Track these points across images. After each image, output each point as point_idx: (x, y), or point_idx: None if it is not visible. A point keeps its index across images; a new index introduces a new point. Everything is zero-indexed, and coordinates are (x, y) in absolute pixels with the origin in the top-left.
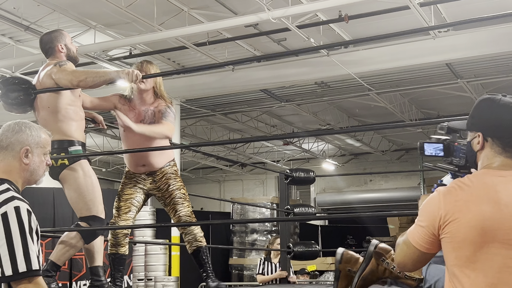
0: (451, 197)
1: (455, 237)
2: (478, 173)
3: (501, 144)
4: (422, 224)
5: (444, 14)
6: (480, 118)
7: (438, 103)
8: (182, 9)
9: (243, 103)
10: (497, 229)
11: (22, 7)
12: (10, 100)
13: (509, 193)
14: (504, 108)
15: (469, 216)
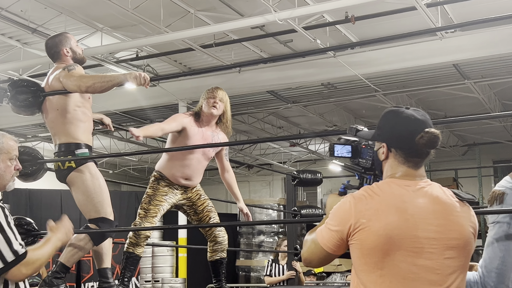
0: (362, 206)
1: (364, 244)
2: (385, 183)
3: (404, 155)
4: (332, 228)
5: (451, 15)
6: (384, 129)
7: (445, 104)
8: (189, 11)
9: (250, 105)
10: (403, 238)
11: (29, 9)
12: (18, 102)
13: (414, 203)
14: (405, 121)
15: (378, 225)
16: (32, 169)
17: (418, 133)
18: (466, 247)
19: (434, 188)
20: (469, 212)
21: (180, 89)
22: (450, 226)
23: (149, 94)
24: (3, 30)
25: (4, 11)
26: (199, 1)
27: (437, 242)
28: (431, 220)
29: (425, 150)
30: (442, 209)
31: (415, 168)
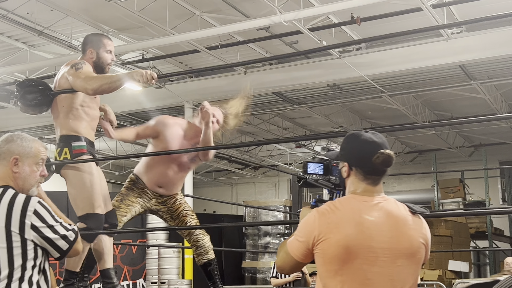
0: (325, 219)
1: (326, 254)
2: (346, 198)
3: (363, 173)
4: (300, 239)
5: (456, 16)
6: (346, 150)
7: (452, 105)
8: (194, 13)
9: (256, 106)
10: (359, 248)
11: (35, 12)
12: (28, 101)
13: (370, 217)
14: (364, 143)
15: (338, 236)
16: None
17: (374, 154)
18: (416, 256)
19: (389, 203)
20: (421, 224)
21: (185, 91)
22: (401, 237)
23: (155, 96)
24: (9, 32)
25: (11, 13)
26: (204, 3)
27: (390, 252)
28: (385, 232)
29: (381, 169)
30: (395, 222)
31: (373, 185)
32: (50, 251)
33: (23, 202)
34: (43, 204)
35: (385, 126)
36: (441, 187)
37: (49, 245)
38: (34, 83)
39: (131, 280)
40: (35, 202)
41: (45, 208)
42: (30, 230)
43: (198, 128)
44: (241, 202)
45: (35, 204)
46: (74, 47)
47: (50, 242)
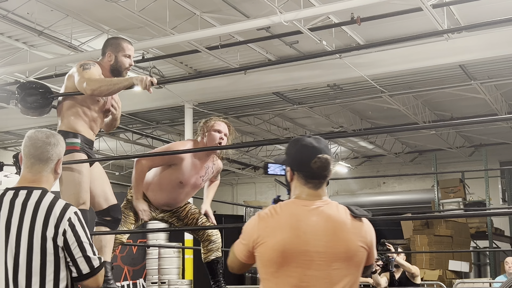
0: (263, 223)
1: (263, 256)
2: (287, 203)
3: (304, 177)
4: (242, 242)
5: (457, 16)
6: (288, 155)
7: (452, 105)
8: (194, 13)
9: (256, 106)
10: (294, 252)
11: (36, 12)
12: (28, 104)
13: (308, 222)
14: (303, 148)
15: (274, 241)
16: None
17: (313, 159)
18: (354, 259)
19: (330, 207)
20: (361, 227)
21: (186, 91)
22: (338, 241)
23: (155, 96)
24: (9, 32)
25: (11, 13)
26: (204, 3)
27: (325, 256)
28: (321, 237)
29: (320, 173)
30: (332, 226)
31: (314, 189)
32: (79, 262)
33: (61, 208)
34: (79, 215)
35: (385, 127)
36: (441, 187)
37: (82, 254)
38: (34, 85)
39: (132, 280)
40: (73, 211)
41: (79, 220)
42: (62, 237)
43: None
44: (241, 202)
45: (71, 213)
46: (74, 47)
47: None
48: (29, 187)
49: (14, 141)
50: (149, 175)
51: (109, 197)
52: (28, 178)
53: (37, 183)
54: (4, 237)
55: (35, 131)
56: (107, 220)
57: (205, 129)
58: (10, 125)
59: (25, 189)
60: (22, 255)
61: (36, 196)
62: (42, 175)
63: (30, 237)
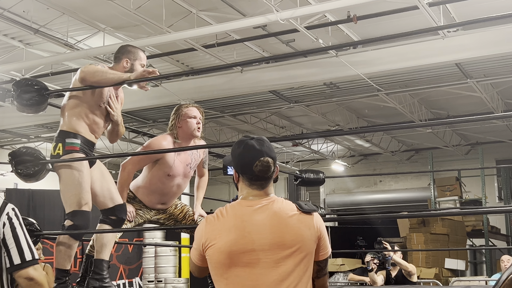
0: (210, 227)
1: (212, 259)
2: (232, 204)
3: (248, 179)
4: (194, 247)
5: (453, 14)
6: (233, 157)
7: (448, 103)
8: (191, 11)
9: (252, 105)
10: (241, 253)
11: (31, 10)
12: (24, 101)
13: (253, 222)
14: (246, 150)
15: (220, 243)
16: (34, 169)
17: (254, 162)
18: (303, 252)
19: (275, 204)
20: (308, 221)
21: (182, 89)
22: (284, 237)
23: (152, 94)
24: (5, 30)
25: (7, 11)
26: (201, 1)
27: (272, 253)
28: (266, 234)
29: (263, 176)
30: (277, 223)
31: (259, 189)
32: (12, 254)
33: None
34: (16, 211)
35: (381, 125)
36: (438, 186)
37: (15, 245)
38: (30, 82)
39: (127, 279)
40: (10, 207)
41: (16, 216)
42: (1, 229)
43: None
44: None
45: (9, 209)
46: (71, 45)
47: (8, 248)
48: None
49: (10, 139)
50: (139, 179)
51: (114, 196)
52: None
53: None
54: None
55: None
56: (112, 219)
57: (179, 118)
58: (6, 124)
59: None
60: None
61: None
62: None
63: None
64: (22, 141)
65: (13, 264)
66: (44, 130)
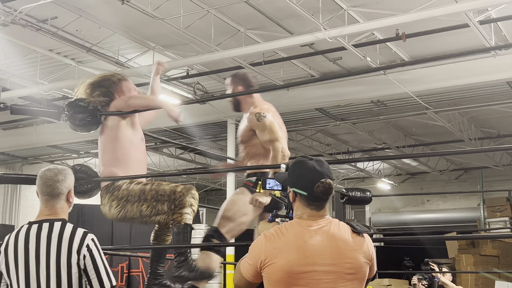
0: (271, 244)
1: (271, 277)
2: (291, 223)
3: (306, 200)
4: (249, 262)
5: (504, 32)
6: (291, 177)
7: (498, 122)
8: (239, 29)
9: (298, 122)
10: (301, 272)
11: (84, 29)
12: (77, 121)
13: (313, 242)
14: (306, 171)
15: (282, 262)
16: (87, 187)
17: (316, 183)
18: (359, 274)
19: (332, 226)
20: (362, 243)
21: (228, 107)
22: (343, 259)
23: (199, 111)
24: (59, 49)
25: (61, 30)
26: (249, 20)
27: (332, 274)
28: (327, 255)
29: (324, 197)
30: (336, 245)
31: (317, 210)
32: (93, 283)
33: (81, 236)
34: (95, 242)
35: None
36: (488, 206)
37: (96, 275)
38: (83, 103)
39: None
40: (90, 238)
41: (96, 246)
42: (83, 261)
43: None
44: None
45: (89, 240)
46: (121, 64)
47: (89, 278)
48: (50, 219)
49: (61, 154)
50: (108, 148)
51: None
52: (46, 212)
53: (55, 215)
54: (35, 267)
55: (45, 170)
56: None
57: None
58: (57, 139)
59: (47, 222)
60: (53, 281)
61: (58, 227)
62: (56, 207)
63: (58, 264)
64: (72, 156)
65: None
66: (94, 146)
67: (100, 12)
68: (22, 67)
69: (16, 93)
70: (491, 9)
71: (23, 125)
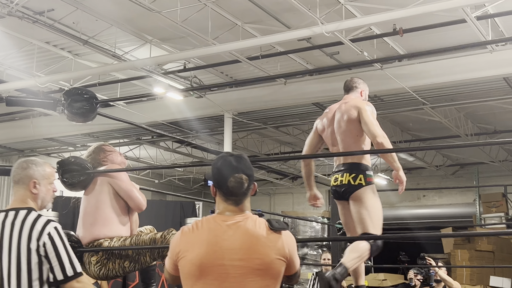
0: (185, 238)
1: (183, 270)
2: (208, 218)
3: (224, 195)
4: (169, 256)
5: (501, 28)
6: (211, 171)
7: (495, 118)
8: (236, 23)
9: (295, 117)
10: (211, 266)
11: (81, 22)
12: (74, 110)
13: (225, 237)
14: (223, 166)
15: (192, 255)
16: (80, 179)
17: (229, 178)
18: (270, 271)
19: (248, 221)
20: (277, 240)
21: (226, 101)
22: (253, 255)
23: (196, 105)
24: (55, 41)
25: (57, 23)
26: (246, 14)
27: (241, 269)
28: (236, 250)
29: (237, 192)
30: (248, 241)
31: (235, 205)
32: (55, 270)
33: (43, 224)
34: (58, 230)
35: (427, 139)
36: (483, 201)
37: (58, 262)
38: (80, 91)
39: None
40: (52, 226)
41: (58, 234)
42: (43, 248)
43: None
44: (279, 212)
45: (51, 228)
46: (118, 57)
47: (59, 261)
48: (16, 208)
49: (57, 147)
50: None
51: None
52: (13, 200)
53: (23, 204)
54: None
55: (21, 160)
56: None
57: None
58: (53, 132)
59: (13, 210)
60: (13, 267)
61: (22, 215)
62: (20, 195)
63: (18, 250)
64: (69, 149)
65: (56, 280)
66: (90, 139)
67: (97, 4)
68: (18, 59)
69: (12, 86)
70: (488, 4)
71: (19, 117)
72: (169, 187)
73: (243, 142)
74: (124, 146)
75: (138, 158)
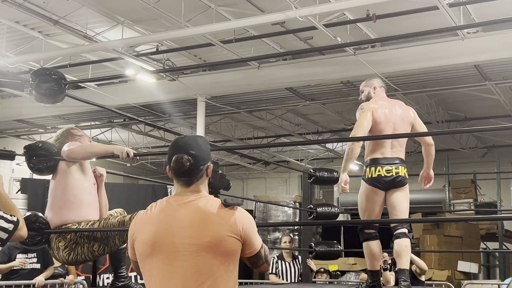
0: (138, 220)
1: (137, 251)
2: (163, 199)
3: (174, 175)
4: (128, 241)
5: (473, 15)
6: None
7: (466, 105)
8: (210, 6)
9: (268, 101)
10: (161, 245)
11: (51, 1)
12: (42, 90)
13: (175, 216)
14: (171, 147)
15: (143, 235)
16: (46, 164)
17: (172, 158)
18: (222, 248)
19: (200, 200)
20: (229, 217)
21: (198, 84)
22: (203, 232)
23: (168, 88)
24: (25, 21)
25: (27, 2)
26: None
27: (191, 246)
28: (186, 228)
29: (181, 172)
30: (198, 218)
31: (186, 185)
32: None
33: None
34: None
35: None
36: (453, 188)
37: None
38: (49, 72)
39: None
40: None
41: None
42: None
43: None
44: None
45: None
46: (89, 37)
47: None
48: None
49: (27, 129)
50: (58, 193)
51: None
52: None
53: None
54: None
55: None
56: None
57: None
58: (23, 114)
59: None
60: None
61: None
62: None
63: None
64: (39, 131)
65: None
66: (61, 121)
67: None
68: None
69: None
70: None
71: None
72: (141, 170)
73: (216, 126)
74: (95, 129)
75: (110, 141)
